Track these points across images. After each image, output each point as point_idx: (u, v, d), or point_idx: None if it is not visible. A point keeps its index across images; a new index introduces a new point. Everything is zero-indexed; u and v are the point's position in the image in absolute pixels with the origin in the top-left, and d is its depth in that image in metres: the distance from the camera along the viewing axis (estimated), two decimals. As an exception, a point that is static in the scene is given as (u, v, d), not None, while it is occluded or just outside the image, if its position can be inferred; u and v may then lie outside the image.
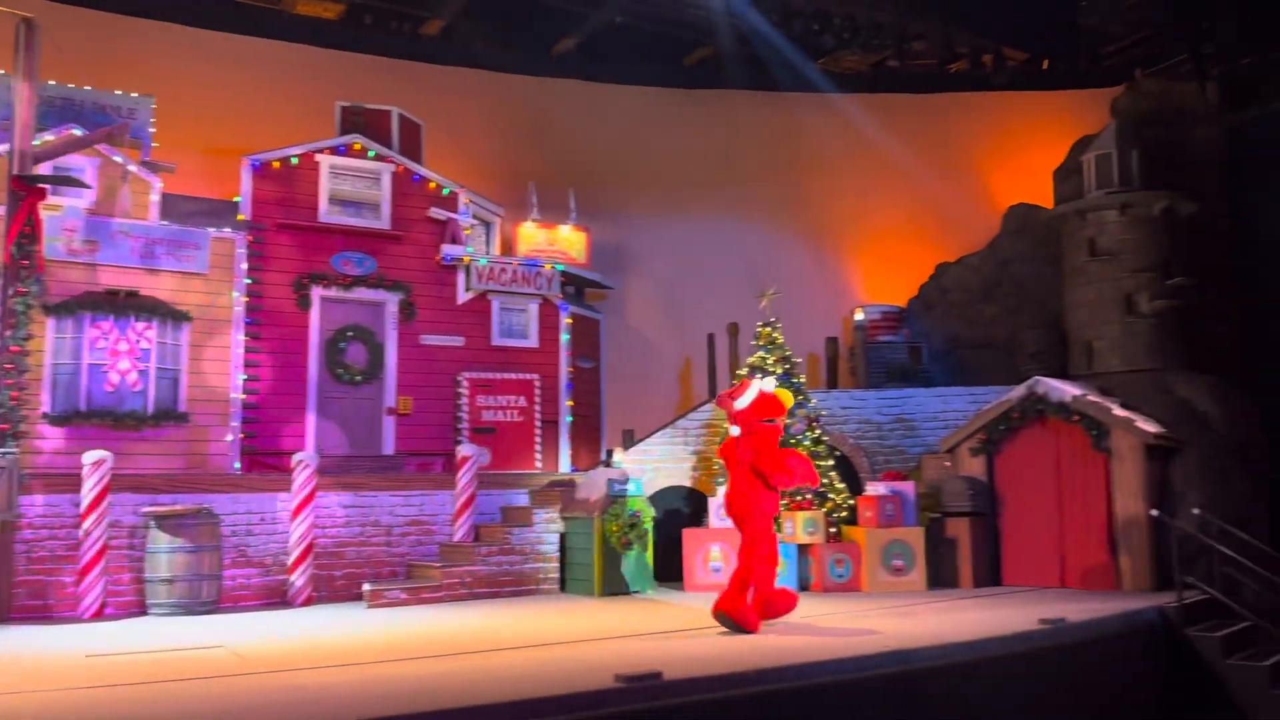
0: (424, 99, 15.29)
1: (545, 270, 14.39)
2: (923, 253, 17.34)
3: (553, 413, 14.16)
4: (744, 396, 8.72)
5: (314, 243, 12.95)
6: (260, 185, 12.76)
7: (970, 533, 11.86)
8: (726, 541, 11.68)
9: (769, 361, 12.60)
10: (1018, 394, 12.21)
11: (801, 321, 14.74)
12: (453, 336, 13.76)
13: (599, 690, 5.66)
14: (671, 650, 7.31)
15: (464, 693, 5.70)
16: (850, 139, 17.84)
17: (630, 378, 16.23)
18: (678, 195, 17.41)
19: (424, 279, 13.63)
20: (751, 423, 8.67)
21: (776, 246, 17.18)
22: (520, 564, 11.62)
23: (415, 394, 13.41)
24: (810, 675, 6.30)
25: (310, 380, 12.75)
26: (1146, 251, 13.40)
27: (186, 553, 9.96)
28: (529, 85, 17.21)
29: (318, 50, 15.76)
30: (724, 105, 17.96)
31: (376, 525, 11.55)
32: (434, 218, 13.76)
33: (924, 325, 16.49)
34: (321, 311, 12.95)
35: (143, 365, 11.56)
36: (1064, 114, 17.42)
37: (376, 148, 13.45)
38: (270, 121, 14.30)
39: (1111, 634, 8.84)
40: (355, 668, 6.77)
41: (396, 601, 10.52)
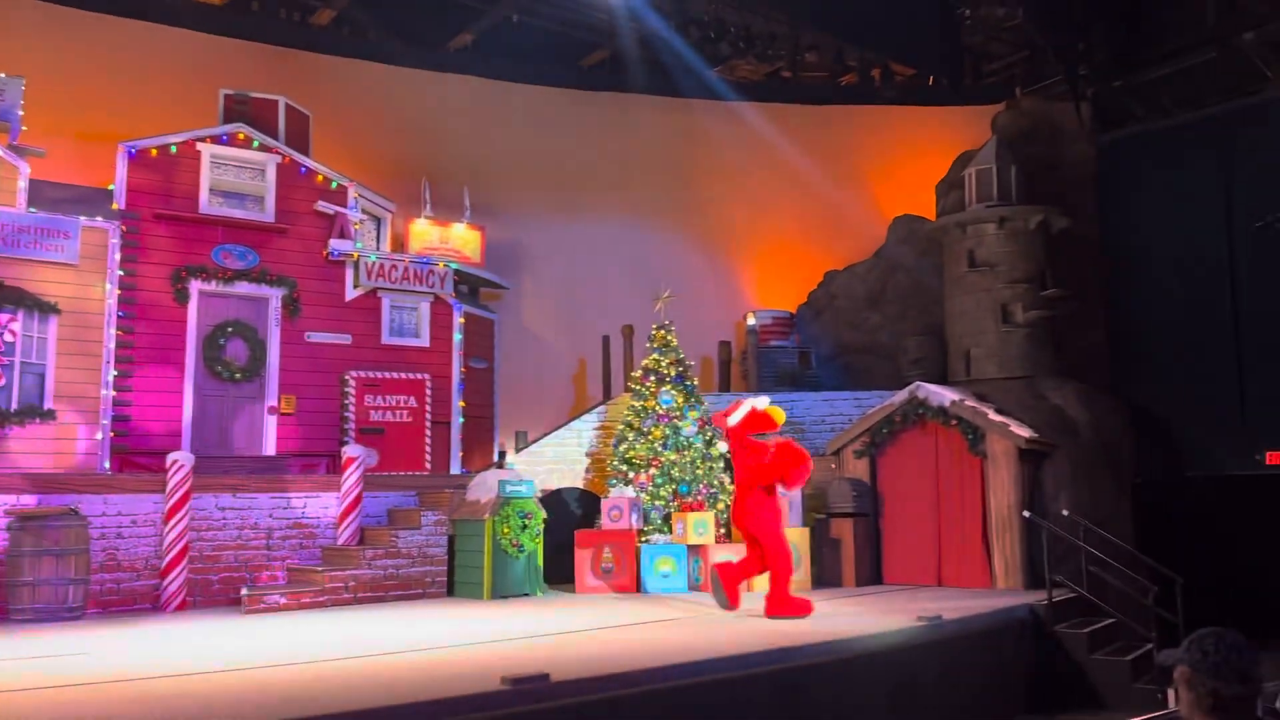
0: (313, 90, 14.90)
1: (438, 268, 14.16)
2: (813, 260, 17.73)
3: (444, 413, 13.94)
4: (736, 414, 9.43)
5: (193, 234, 12.46)
6: (137, 174, 12.22)
7: (854, 533, 12.17)
8: (617, 544, 11.71)
9: (663, 364, 12.69)
10: (900, 399, 12.59)
11: (696, 325, 14.91)
12: (340, 334, 13.41)
13: (486, 693, 5.59)
14: (559, 652, 7.27)
15: (344, 697, 5.55)
16: (746, 146, 18.11)
17: (524, 379, 16.12)
18: (575, 196, 17.38)
19: (310, 274, 13.25)
20: (742, 438, 9.37)
21: (672, 250, 17.32)
22: (407, 567, 11.40)
23: (299, 393, 13.02)
24: (696, 673, 6.36)
25: (187, 378, 12.26)
26: (1022, 263, 14.00)
27: (52, 556, 9.45)
28: (424, 80, 16.92)
29: (202, 36, 15.16)
30: (623, 108, 18.01)
31: (256, 528, 11.18)
32: (321, 212, 13.40)
33: (813, 331, 16.86)
34: (200, 306, 12.47)
35: (6, 359, 10.92)
36: (948, 129, 18.03)
37: (261, 138, 13.02)
38: (149, 108, 13.71)
39: (985, 630, 9.19)
40: (229, 674, 6.53)
41: (276, 607, 10.19)
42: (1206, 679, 2.75)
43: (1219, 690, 2.74)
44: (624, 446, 12.52)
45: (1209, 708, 2.76)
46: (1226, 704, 2.74)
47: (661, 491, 12.19)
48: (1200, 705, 2.77)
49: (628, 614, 9.51)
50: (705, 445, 12.45)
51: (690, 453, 12.35)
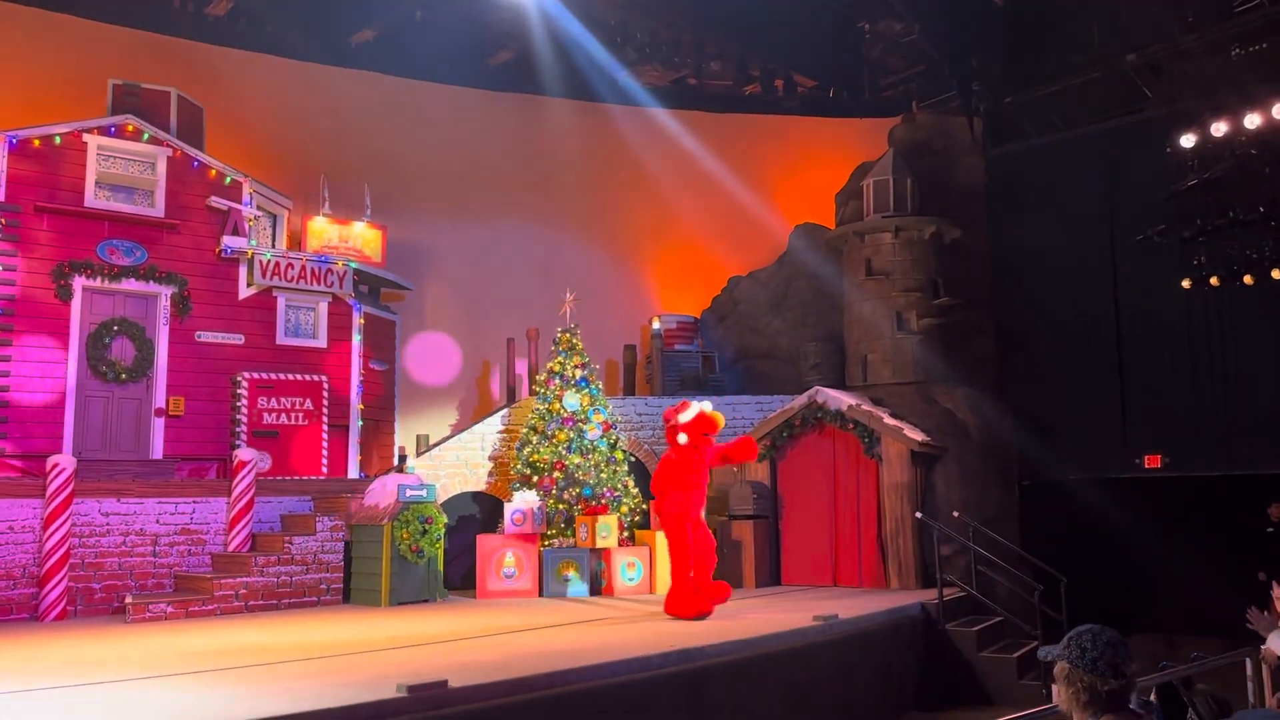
0: (208, 82, 14.43)
1: (337, 267, 13.86)
2: (718, 265, 17.93)
3: (341, 416, 13.63)
4: (687, 412, 9.78)
5: (78, 229, 11.92)
6: (17, 164, 11.63)
7: (754, 535, 12.35)
8: (520, 548, 11.64)
9: (568, 367, 12.67)
10: (799, 403, 12.84)
11: (602, 328, 14.93)
12: (232, 334, 13.00)
13: (384, 700, 5.50)
14: (459, 658, 7.19)
15: (233, 708, 5.39)
16: (652, 151, 18.19)
17: (426, 381, 15.88)
18: (480, 197, 17.20)
19: (202, 272, 12.81)
20: (695, 436, 9.66)
21: (579, 253, 17.29)
22: (301, 574, 11.13)
23: (189, 394, 12.57)
24: (597, 677, 6.37)
25: (69, 377, 11.72)
26: (916, 272, 14.43)
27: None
28: (323, 74, 16.52)
29: (91, 23, 14.50)
30: (529, 109, 17.90)
31: (142, 534, 10.77)
32: (214, 207, 12.97)
33: (716, 335, 17.06)
34: (84, 303, 11.94)
35: None
36: (848, 140, 18.45)
37: (152, 130, 12.54)
38: (33, 96, 13.07)
39: (878, 629, 9.43)
40: (109, 685, 6.27)
41: (163, 615, 9.83)
42: (1084, 674, 2.87)
43: (1095, 685, 2.86)
44: (528, 450, 12.46)
45: (1085, 702, 2.88)
46: (1102, 698, 2.86)
47: (565, 495, 12.16)
48: (1078, 700, 2.89)
49: (529, 618, 9.47)
50: (609, 449, 12.47)
51: (595, 456, 12.35)
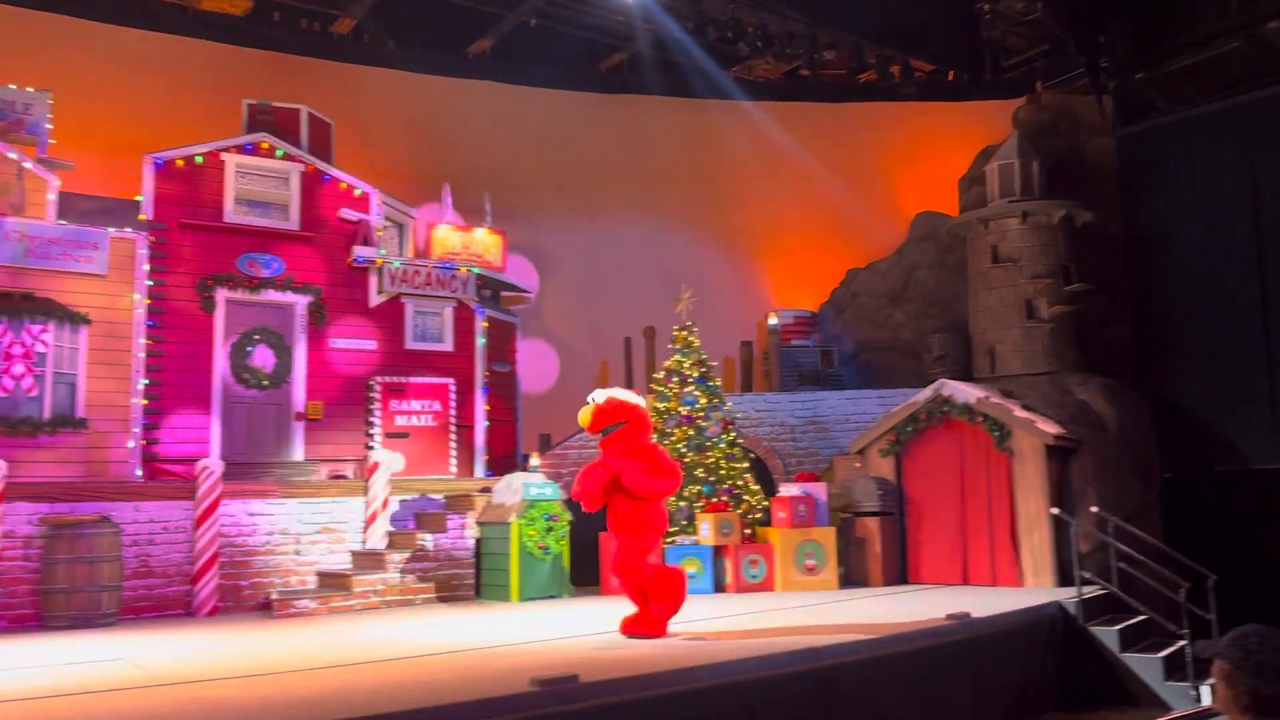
0: (335, 98, 15.04)
1: (460, 273, 14.24)
2: (834, 258, 17.70)
3: (468, 417, 14.01)
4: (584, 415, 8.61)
5: (219, 243, 12.59)
6: (163, 184, 12.37)
7: (880, 532, 12.14)
8: (643, 544, 11.72)
9: (685, 365, 12.71)
10: (924, 396, 12.55)
11: (717, 325, 14.91)
12: (364, 340, 13.51)
13: (515, 694, 5.63)
14: (588, 653, 7.31)
15: (375, 700, 5.61)
16: (764, 146, 18.11)
17: (546, 382, 16.19)
18: (594, 199, 17.44)
19: (335, 281, 13.36)
20: (604, 439, 8.61)
21: (693, 251, 17.33)
22: (435, 570, 11.48)
23: (326, 399, 13.13)
24: (724, 674, 6.38)
25: (215, 385, 12.40)
26: (1045, 258, 13.92)
27: (85, 563, 9.59)
28: (444, 86, 17.05)
29: (224, 47, 15.36)
30: (640, 110, 18.06)
31: (285, 533, 11.29)
32: (345, 219, 13.51)
33: (835, 329, 16.84)
34: (227, 314, 12.60)
35: (39, 370, 11.08)
36: (969, 124, 17.96)
37: (285, 147, 13.15)
38: (174, 119, 13.88)
39: (1014, 628, 9.15)
40: (262, 679, 6.61)
41: (306, 611, 10.29)
42: (1246, 677, 2.74)
43: (1259, 689, 2.73)
44: (648, 448, 12.53)
45: (1245, 706, 2.75)
46: (1265, 703, 2.73)
47: (685, 492, 12.20)
48: (1238, 703, 2.77)
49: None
50: (729, 446, 12.46)
51: (714, 453, 12.36)
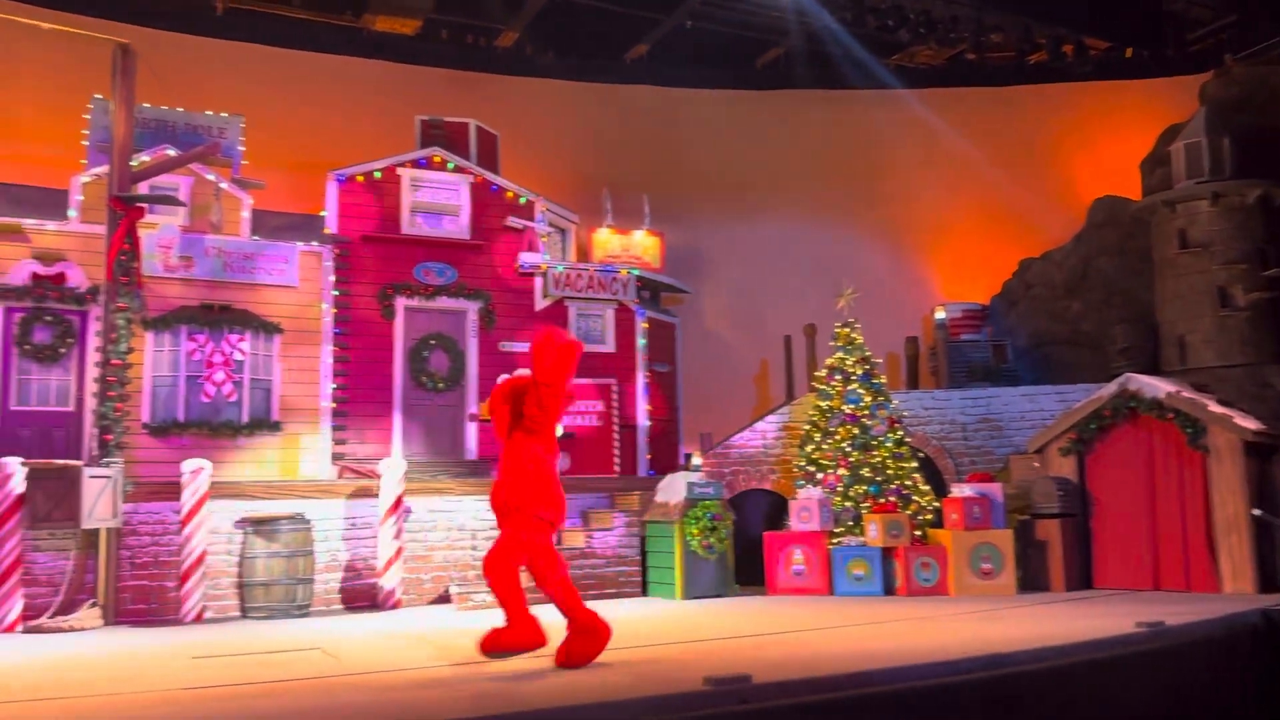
0: (500, 110, 15.56)
1: (621, 275, 14.47)
2: (1004, 249, 17.02)
3: (630, 417, 14.22)
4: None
5: (397, 254, 13.24)
6: (345, 199, 13.11)
7: (1061, 534, 11.58)
8: (808, 545, 11.61)
9: (848, 362, 12.49)
10: (1108, 392, 11.89)
11: (881, 321, 14.60)
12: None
13: (688, 693, 5.66)
14: (758, 653, 7.28)
15: (554, 693, 5.77)
16: (926, 135, 17.61)
17: (707, 381, 16.23)
18: (752, 197, 17.38)
19: (502, 287, 13.83)
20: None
21: (853, 246, 17.03)
22: (602, 567, 11.71)
23: (496, 400, 13.56)
24: (902, 679, 6.22)
25: (395, 388, 13.03)
26: (1240, 242, 12.97)
27: (281, 557, 10.27)
28: (602, 93, 17.38)
29: (397, 66, 16.14)
30: (796, 106, 17.88)
31: (462, 530, 11.74)
32: (511, 226, 13.95)
33: (1008, 322, 16.18)
34: (405, 321, 13.23)
35: (237, 376, 11.96)
36: (1150, 103, 16.95)
37: (455, 159, 13.70)
38: (353, 137, 14.68)
39: (1212, 638, 8.54)
40: (447, 668, 6.90)
41: (483, 605, 10.68)
42: None
43: None
44: (810, 447, 12.40)
45: None
46: None
47: (851, 492, 12.00)
48: None
49: (823, 617, 9.42)
50: (896, 444, 12.17)
51: (880, 452, 12.10)
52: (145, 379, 11.64)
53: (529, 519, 6.67)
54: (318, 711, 5.60)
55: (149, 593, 10.14)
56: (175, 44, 14.49)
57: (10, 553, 9.45)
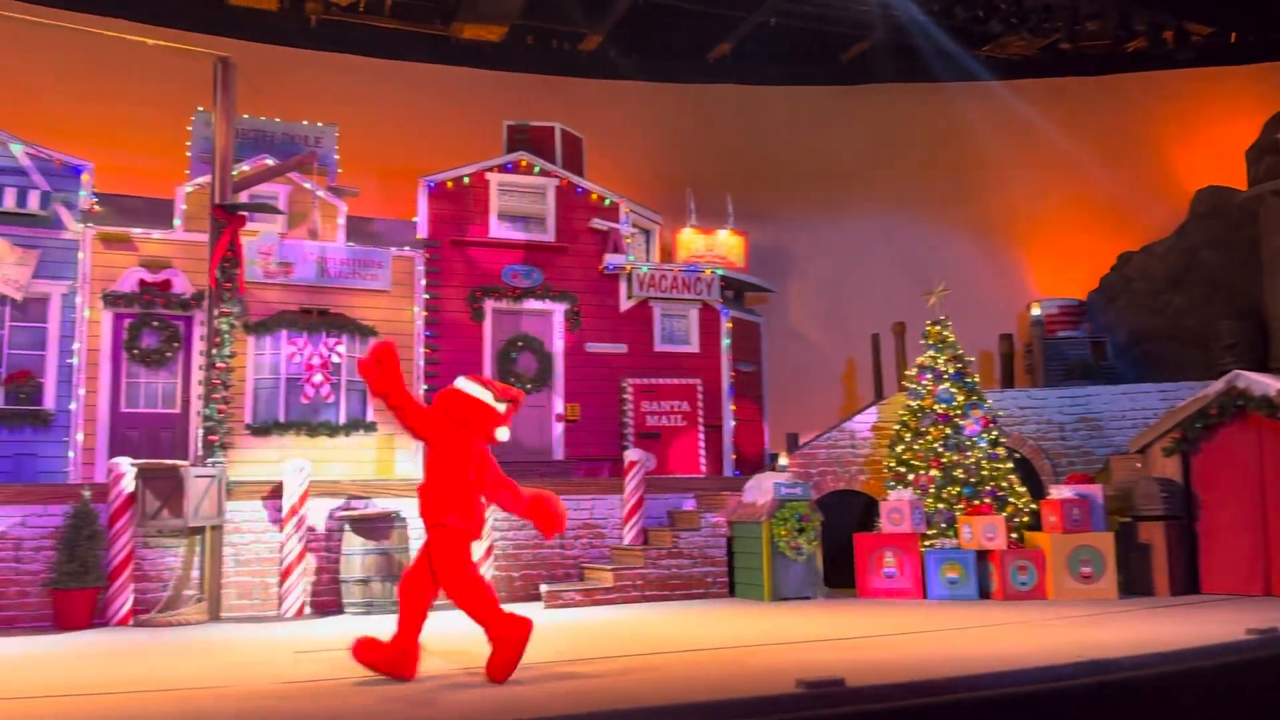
0: (584, 113, 15.70)
1: (705, 275, 14.46)
2: (1102, 242, 16.50)
3: (715, 417, 14.20)
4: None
5: (486, 257, 13.47)
6: (435, 205, 13.38)
7: (1165, 537, 11.16)
8: (899, 548, 11.43)
9: (940, 361, 12.25)
10: (1215, 389, 11.42)
11: (973, 318, 14.27)
12: (616, 344, 14.00)
13: (780, 695, 5.62)
14: (851, 656, 7.20)
15: (640, 693, 5.79)
16: (1018, 127, 17.18)
17: (792, 381, 16.11)
18: (837, 194, 17.19)
19: (588, 288, 13.94)
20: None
21: (943, 242, 16.71)
22: (689, 567, 11.70)
23: (582, 401, 13.72)
24: (1001, 684, 6.08)
25: (485, 389, 13.22)
26: (1359, 232, 12.32)
27: (378, 554, 10.52)
28: (685, 93, 17.40)
29: (484, 72, 16.41)
30: (881, 100, 17.63)
31: (550, 529, 11.85)
32: (596, 228, 14.07)
33: (1107, 319, 15.68)
34: (493, 323, 13.45)
35: (334, 378, 12.31)
36: (1256, 88, 16.27)
37: (541, 163, 13.87)
38: (442, 143, 14.98)
39: (1333, 648, 8.14)
40: (539, 666, 6.98)
41: (572, 602, 10.78)
42: None
43: None
44: (901, 448, 12.20)
45: None
46: None
47: (944, 494, 11.76)
48: None
49: (916, 620, 9.27)
50: (990, 445, 11.89)
51: (974, 453, 11.83)
52: (247, 381, 12.06)
53: (433, 529, 6.43)
54: (420, 704, 5.73)
55: (251, 589, 10.49)
56: (272, 56, 14.98)
57: (122, 549, 9.90)
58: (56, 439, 11.49)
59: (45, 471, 11.33)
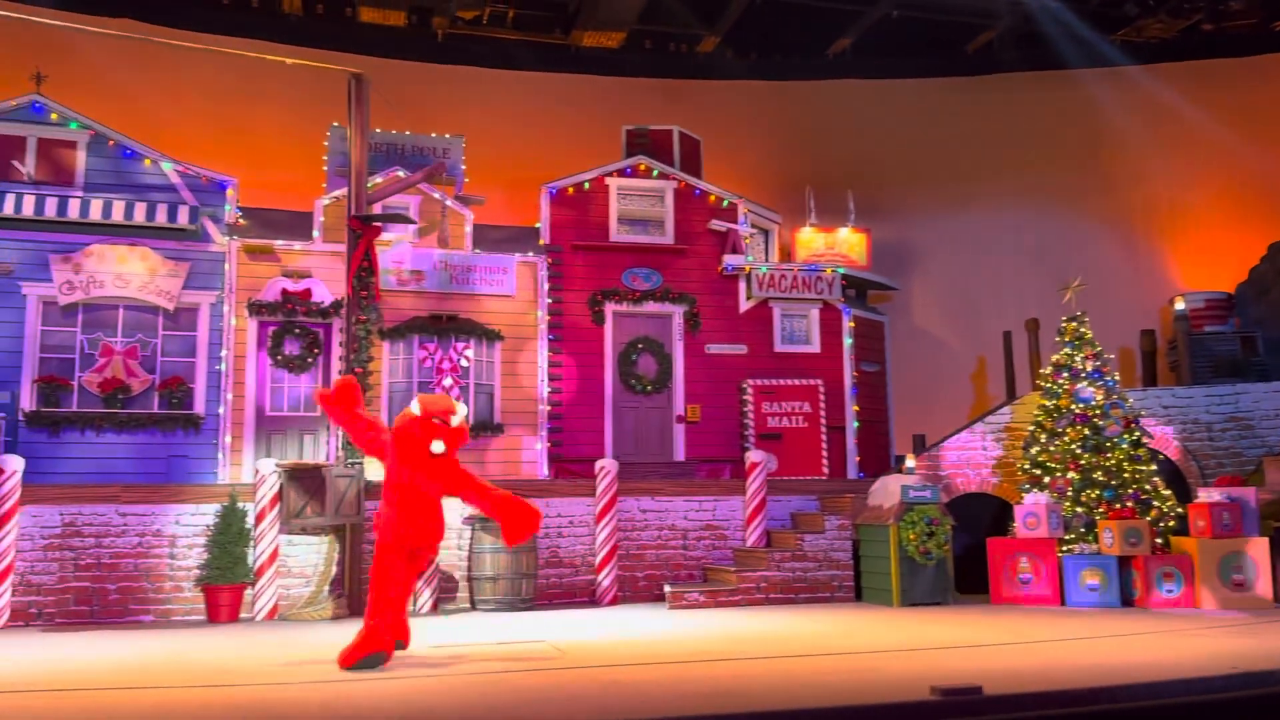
0: (703, 114, 15.74)
1: (825, 274, 14.29)
2: (1252, 232, 15.59)
3: (838, 418, 14.01)
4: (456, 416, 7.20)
5: (606, 261, 13.64)
6: (557, 210, 13.63)
7: (1330, 546, 10.47)
8: (1035, 553, 11.05)
9: (1076, 358, 11.79)
10: (1381, 386, 10.67)
11: (1112, 314, 13.72)
12: (736, 345, 13.97)
13: (915, 702, 5.52)
14: (987, 663, 7.00)
15: (772, 696, 5.76)
16: (1157, 112, 16.40)
17: (919, 381, 15.76)
18: (962, 188, 16.74)
19: (707, 290, 13.96)
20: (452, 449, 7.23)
21: (1077, 234, 16.08)
22: (814, 570, 11.58)
23: (702, 402, 13.74)
24: (1147, 695, 5.82)
25: (607, 391, 13.42)
26: None
27: (507, 553, 10.77)
28: (803, 90, 17.24)
29: (603, 79, 16.63)
30: (1007, 90, 17.09)
31: (673, 529, 11.93)
32: (714, 229, 14.07)
33: (1257, 312, 14.79)
34: (614, 326, 13.61)
35: (463, 381, 12.67)
36: None
37: (660, 166, 13.96)
38: (563, 150, 15.25)
39: None
40: (667, 666, 7.03)
41: (696, 604, 10.81)
42: None
43: None
44: (1036, 449, 11.79)
45: None
46: None
47: (1083, 497, 11.31)
48: None
49: (1054, 628, 8.94)
50: (1132, 446, 11.38)
51: (1115, 454, 11.34)
52: (382, 385, 12.53)
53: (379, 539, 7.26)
54: (549, 700, 5.85)
55: (388, 584, 10.86)
56: (402, 71, 15.52)
57: (269, 546, 10.41)
58: (206, 441, 12.16)
59: (195, 472, 12.03)
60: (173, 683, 6.57)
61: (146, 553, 10.29)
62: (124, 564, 10.19)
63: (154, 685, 6.50)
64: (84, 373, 11.89)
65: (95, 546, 10.16)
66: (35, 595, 9.93)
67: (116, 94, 13.88)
